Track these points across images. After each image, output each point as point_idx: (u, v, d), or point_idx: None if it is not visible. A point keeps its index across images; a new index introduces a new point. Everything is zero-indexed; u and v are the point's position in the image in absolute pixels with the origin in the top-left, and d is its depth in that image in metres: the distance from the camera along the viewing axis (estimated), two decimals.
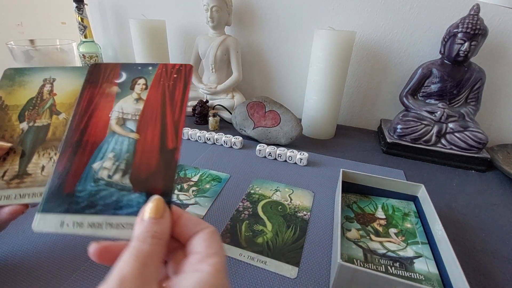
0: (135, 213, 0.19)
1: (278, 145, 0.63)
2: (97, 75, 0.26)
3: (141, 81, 0.25)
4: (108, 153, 0.22)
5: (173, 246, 0.19)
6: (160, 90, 0.24)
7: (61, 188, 0.21)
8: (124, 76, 0.26)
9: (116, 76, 0.25)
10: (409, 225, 0.40)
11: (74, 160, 0.22)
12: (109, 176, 0.22)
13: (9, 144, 0.29)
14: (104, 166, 0.22)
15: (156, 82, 0.25)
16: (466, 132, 0.58)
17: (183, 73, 0.25)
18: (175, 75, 0.25)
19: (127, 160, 0.22)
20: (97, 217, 0.20)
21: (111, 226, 0.20)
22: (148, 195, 0.20)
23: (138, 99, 0.24)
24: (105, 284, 0.14)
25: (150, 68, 0.26)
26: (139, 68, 0.26)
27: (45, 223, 0.20)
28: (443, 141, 0.60)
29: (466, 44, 0.56)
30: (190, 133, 0.64)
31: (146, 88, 0.25)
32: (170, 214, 0.19)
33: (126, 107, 0.24)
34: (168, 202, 0.19)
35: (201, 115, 0.73)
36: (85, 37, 0.86)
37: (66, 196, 0.21)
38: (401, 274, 0.33)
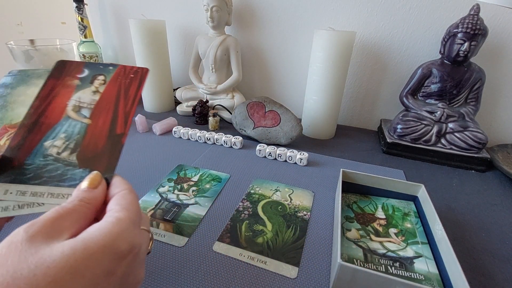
0: (75, 185, 0.22)
1: (278, 145, 0.63)
2: (62, 70, 0.28)
3: (101, 77, 0.28)
4: (60, 134, 0.25)
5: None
6: (116, 86, 0.27)
7: (10, 160, 0.23)
8: (86, 72, 0.28)
9: (79, 71, 0.28)
10: (409, 225, 0.40)
11: (27, 137, 0.24)
12: (58, 153, 0.24)
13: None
14: (55, 144, 0.24)
15: (114, 79, 0.28)
16: (466, 132, 0.58)
17: (139, 75, 0.28)
18: (132, 75, 0.28)
19: (77, 141, 0.25)
20: (40, 187, 0.22)
21: (52, 196, 0.22)
22: (91, 171, 0.23)
23: (96, 91, 0.27)
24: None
25: (111, 68, 0.28)
26: (101, 67, 0.29)
27: None
28: (443, 141, 0.60)
29: (466, 44, 0.56)
30: (190, 133, 0.64)
31: (104, 83, 0.28)
32: (104, 187, 0.22)
33: (83, 97, 0.27)
34: (110, 177, 0.22)
35: (201, 115, 0.73)
36: (85, 37, 0.86)
37: (13, 168, 0.23)
38: (401, 274, 0.33)
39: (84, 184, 0.21)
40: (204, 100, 0.74)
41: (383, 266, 0.34)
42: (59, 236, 0.17)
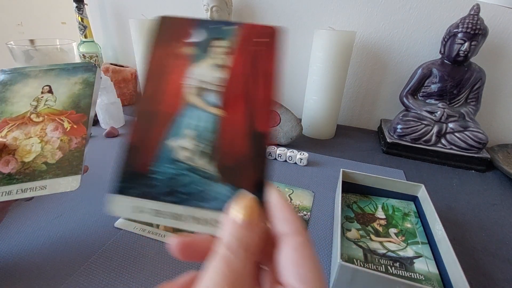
0: (222, 208, 0.17)
1: (278, 145, 0.63)
2: (166, 31, 0.21)
3: (222, 43, 0.20)
4: (186, 130, 0.18)
5: None
6: (247, 57, 0.19)
7: (133, 166, 0.18)
8: (201, 35, 0.20)
9: (191, 33, 0.20)
10: (409, 225, 0.40)
11: (146, 133, 0.19)
12: (191, 159, 0.18)
13: (2, 140, 0.30)
14: (183, 145, 0.18)
15: (240, 46, 0.20)
16: (466, 132, 0.58)
17: (274, 36, 0.20)
18: (265, 39, 0.20)
19: (212, 142, 0.18)
20: (179, 207, 0.17)
21: (194, 220, 0.17)
22: (237, 189, 0.17)
23: (220, 65, 0.19)
24: None
25: (234, 27, 0.20)
26: (219, 26, 0.20)
27: (119, 207, 0.17)
28: (443, 141, 0.60)
29: (466, 44, 0.56)
30: None
31: (229, 53, 0.20)
32: (264, 219, 0.15)
33: (204, 75, 0.19)
34: (261, 200, 0.16)
35: None
36: (85, 37, 0.86)
37: (140, 177, 0.18)
38: (401, 274, 0.33)
39: (240, 214, 0.15)
40: None
41: (383, 266, 0.34)
42: None
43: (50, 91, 0.34)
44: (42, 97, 0.34)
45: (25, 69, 0.36)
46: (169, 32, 0.20)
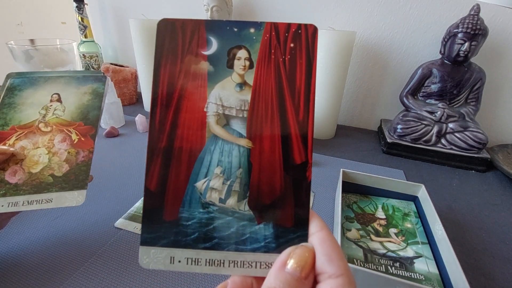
0: (263, 249, 0.16)
1: None
2: (175, 40, 0.17)
3: (242, 53, 0.16)
4: (214, 168, 0.17)
5: None
6: (272, 69, 0.16)
7: (160, 214, 0.16)
8: (214, 44, 0.17)
9: (203, 43, 0.16)
10: (409, 225, 0.40)
11: (168, 175, 0.16)
12: (221, 200, 0.17)
13: (12, 149, 0.29)
14: (212, 186, 0.17)
15: (264, 55, 0.16)
16: (466, 132, 0.58)
17: (304, 40, 0.16)
18: (292, 44, 0.16)
19: (241, 179, 0.17)
20: (215, 253, 0.16)
21: (234, 265, 0.16)
22: (276, 226, 0.16)
23: (243, 83, 0.17)
24: None
25: (253, 30, 0.17)
26: (235, 30, 0.17)
27: (152, 259, 0.16)
28: (443, 141, 0.60)
29: (466, 44, 0.56)
30: None
31: (250, 66, 0.17)
32: (314, 270, 0.14)
33: (226, 97, 0.16)
34: (303, 237, 0.15)
35: None
36: (85, 37, 0.86)
37: (169, 225, 0.16)
38: (401, 274, 0.33)
39: (294, 264, 0.14)
40: None
41: (383, 266, 0.34)
42: None
43: (59, 100, 0.33)
44: (51, 105, 0.33)
45: (34, 74, 0.35)
46: (180, 42, 0.17)
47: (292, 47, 0.16)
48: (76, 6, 0.82)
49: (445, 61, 0.61)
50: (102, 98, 0.34)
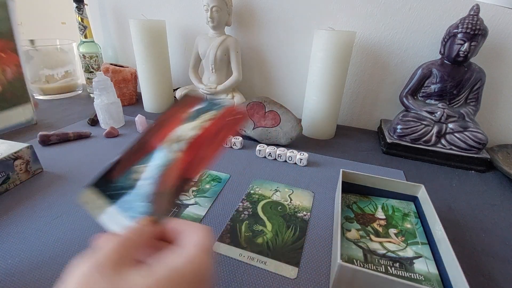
0: (135, 218, 0.22)
1: (278, 145, 0.63)
2: (182, 102, 0.30)
3: (209, 114, 0.28)
4: (150, 161, 0.25)
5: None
6: (217, 127, 0.27)
7: (107, 173, 0.25)
8: (198, 107, 0.29)
9: (193, 105, 0.29)
10: (409, 226, 0.40)
11: (129, 157, 0.26)
12: (140, 180, 0.24)
13: None
14: (139, 170, 0.25)
15: (217, 119, 0.27)
16: (466, 132, 0.58)
17: (240, 120, 0.28)
18: (234, 119, 0.28)
19: (159, 173, 0.24)
20: (111, 206, 0.24)
21: (111, 217, 0.23)
22: (153, 207, 0.23)
23: (199, 127, 0.27)
24: (92, 252, 0.19)
25: (221, 106, 0.29)
26: (213, 104, 0.29)
27: (87, 196, 0.24)
28: (443, 141, 0.60)
29: (466, 44, 0.56)
30: None
31: (209, 121, 0.27)
32: (159, 226, 0.22)
33: (185, 131, 0.27)
34: (162, 217, 0.22)
35: None
36: (85, 37, 0.86)
37: (107, 181, 0.25)
38: (401, 274, 0.33)
39: (141, 222, 0.22)
40: None
41: (383, 266, 0.34)
42: (131, 265, 0.18)
43: None
44: None
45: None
46: (183, 103, 0.29)
47: (231, 119, 0.28)
48: (76, 7, 0.82)
49: (445, 61, 0.61)
50: (7, 8, 0.30)
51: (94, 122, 0.70)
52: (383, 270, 0.33)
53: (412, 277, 0.33)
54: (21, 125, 0.27)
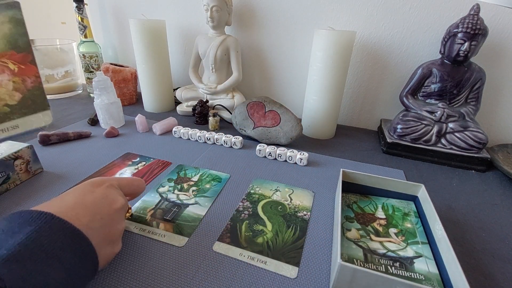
0: None
1: (278, 145, 0.63)
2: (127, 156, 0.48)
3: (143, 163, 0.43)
4: None
5: None
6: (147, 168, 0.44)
7: None
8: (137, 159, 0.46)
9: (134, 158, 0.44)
10: (409, 225, 0.40)
11: None
12: None
13: None
14: None
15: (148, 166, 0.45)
16: (466, 132, 0.58)
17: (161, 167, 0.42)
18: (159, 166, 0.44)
19: None
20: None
21: None
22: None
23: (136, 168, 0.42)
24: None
25: (150, 160, 0.41)
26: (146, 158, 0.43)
27: None
28: (443, 141, 0.60)
29: (466, 44, 0.56)
30: (190, 133, 0.64)
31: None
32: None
33: (127, 171, 0.39)
34: None
35: (201, 115, 0.73)
36: (85, 37, 0.86)
37: None
38: (401, 274, 0.33)
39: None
40: (204, 100, 0.74)
41: (383, 266, 0.34)
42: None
43: None
44: None
45: None
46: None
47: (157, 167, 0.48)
48: (76, 6, 0.82)
49: (445, 61, 0.61)
50: (24, 24, 0.33)
51: (94, 122, 0.70)
52: (383, 270, 0.33)
53: (412, 276, 0.33)
54: (41, 129, 0.31)
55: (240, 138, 0.62)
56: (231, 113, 0.75)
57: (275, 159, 0.59)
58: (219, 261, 0.34)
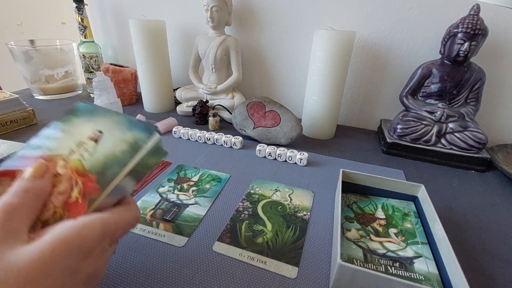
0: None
1: (278, 145, 0.63)
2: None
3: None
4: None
5: None
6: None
7: None
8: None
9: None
10: (409, 225, 0.40)
11: None
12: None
13: None
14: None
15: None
16: (466, 132, 0.58)
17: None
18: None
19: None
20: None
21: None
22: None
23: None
24: None
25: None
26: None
27: None
28: (443, 141, 0.60)
29: (466, 44, 0.56)
30: (190, 133, 0.64)
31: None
32: (51, 175, 0.22)
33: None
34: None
35: (201, 115, 0.73)
36: (85, 37, 0.86)
37: None
38: (401, 274, 0.33)
39: (28, 172, 0.21)
40: (204, 100, 0.74)
41: (383, 266, 0.34)
42: (18, 238, 0.17)
43: (96, 140, 0.27)
44: (85, 143, 0.26)
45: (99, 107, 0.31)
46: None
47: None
48: (76, 7, 0.82)
49: (445, 61, 0.61)
50: (136, 153, 0.26)
51: None
52: (383, 270, 0.33)
53: (412, 276, 0.33)
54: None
55: (240, 138, 0.62)
56: (231, 113, 0.75)
57: (275, 159, 0.59)
58: (219, 261, 0.34)
